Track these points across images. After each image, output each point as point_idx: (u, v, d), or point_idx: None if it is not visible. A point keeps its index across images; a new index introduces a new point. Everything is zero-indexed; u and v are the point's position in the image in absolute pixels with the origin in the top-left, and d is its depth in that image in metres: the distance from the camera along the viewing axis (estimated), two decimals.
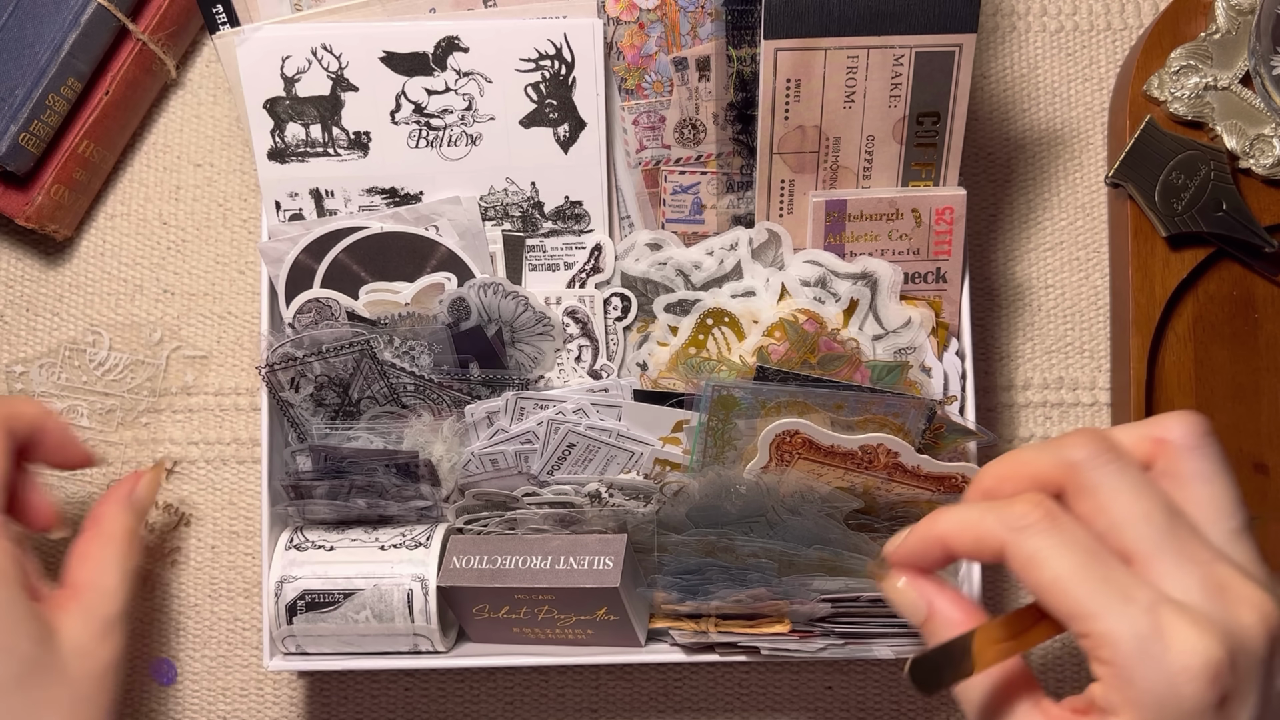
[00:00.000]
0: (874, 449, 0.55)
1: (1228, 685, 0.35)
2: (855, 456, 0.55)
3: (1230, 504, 0.39)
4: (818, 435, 0.55)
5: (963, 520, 0.40)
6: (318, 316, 0.60)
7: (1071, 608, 0.36)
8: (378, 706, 0.67)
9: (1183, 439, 0.39)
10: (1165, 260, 0.65)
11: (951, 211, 0.59)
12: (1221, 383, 0.66)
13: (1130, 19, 0.71)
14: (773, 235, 0.60)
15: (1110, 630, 0.35)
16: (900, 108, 0.57)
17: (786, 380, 0.56)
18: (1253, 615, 0.36)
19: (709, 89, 0.60)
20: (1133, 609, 0.35)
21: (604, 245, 0.61)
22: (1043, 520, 0.37)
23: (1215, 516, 0.38)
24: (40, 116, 0.63)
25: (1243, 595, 0.36)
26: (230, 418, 0.69)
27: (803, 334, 0.58)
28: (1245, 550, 0.38)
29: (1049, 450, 0.40)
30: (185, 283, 0.69)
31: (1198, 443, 0.39)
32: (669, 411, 0.57)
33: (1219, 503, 0.39)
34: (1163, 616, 0.35)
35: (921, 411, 0.55)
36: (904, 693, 0.67)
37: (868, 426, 0.55)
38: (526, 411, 0.58)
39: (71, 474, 0.68)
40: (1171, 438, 0.39)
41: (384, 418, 0.60)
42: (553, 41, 0.59)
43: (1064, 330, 0.69)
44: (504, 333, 0.60)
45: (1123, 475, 0.38)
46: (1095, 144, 0.70)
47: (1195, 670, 0.35)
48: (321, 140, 0.60)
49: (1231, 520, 0.38)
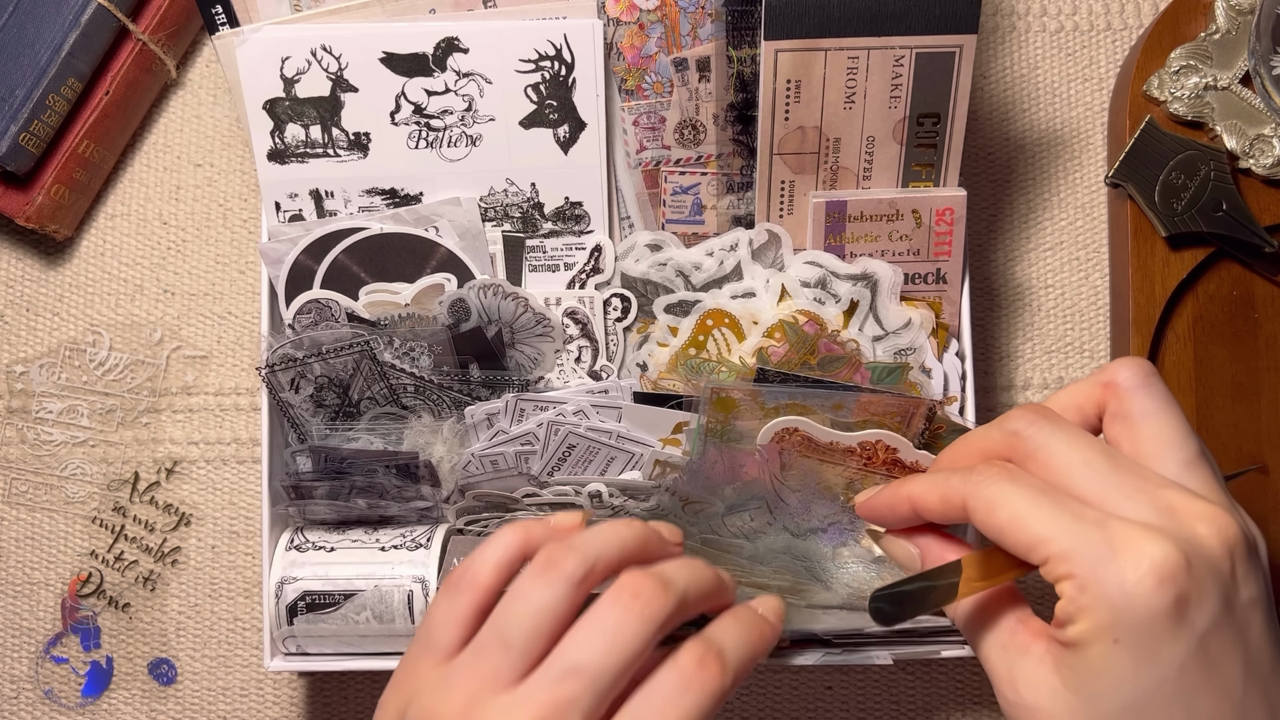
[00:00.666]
0: (872, 445, 0.55)
1: (1182, 587, 0.36)
2: (854, 453, 0.56)
3: (1179, 436, 0.40)
4: (816, 432, 0.55)
5: (930, 480, 0.43)
6: (318, 317, 0.60)
7: (1029, 537, 0.38)
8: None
9: (1127, 381, 0.41)
10: (1165, 260, 0.65)
11: (952, 212, 0.59)
12: (1221, 383, 0.66)
13: (1130, 19, 0.71)
14: (773, 236, 0.60)
15: (1065, 547, 0.37)
16: (900, 108, 0.57)
17: (786, 381, 0.56)
18: (1207, 528, 0.37)
19: (709, 90, 0.60)
20: (1085, 525, 0.37)
21: (604, 246, 0.61)
22: (1000, 471, 0.40)
23: (1166, 449, 0.39)
24: (40, 116, 0.63)
25: (1195, 511, 0.37)
26: (230, 418, 0.69)
27: (802, 335, 0.58)
28: (1200, 477, 0.39)
29: (994, 426, 0.42)
30: (185, 283, 0.69)
31: (1142, 382, 0.41)
32: (668, 413, 0.57)
33: (1167, 435, 0.40)
34: (1115, 529, 0.37)
35: (921, 412, 0.55)
36: (904, 693, 0.67)
37: (866, 426, 0.55)
38: (526, 413, 0.58)
39: (71, 474, 0.68)
40: (1118, 380, 0.41)
41: (384, 419, 0.60)
42: (552, 42, 0.59)
43: (1064, 330, 0.69)
44: (504, 334, 0.60)
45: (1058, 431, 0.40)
46: (1095, 144, 0.70)
47: (1146, 571, 0.36)
48: (321, 141, 0.60)
49: (1182, 451, 0.39)
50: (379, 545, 0.58)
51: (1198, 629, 0.36)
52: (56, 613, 0.68)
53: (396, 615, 0.57)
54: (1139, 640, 0.36)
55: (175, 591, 0.68)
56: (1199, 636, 0.36)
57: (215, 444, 0.68)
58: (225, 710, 0.67)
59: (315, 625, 0.57)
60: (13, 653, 0.67)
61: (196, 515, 0.68)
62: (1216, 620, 0.36)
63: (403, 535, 0.58)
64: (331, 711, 0.67)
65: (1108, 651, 0.37)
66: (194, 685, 0.67)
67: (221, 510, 0.68)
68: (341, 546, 0.58)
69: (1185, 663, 0.36)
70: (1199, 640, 0.36)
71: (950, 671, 0.67)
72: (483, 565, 0.43)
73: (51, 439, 0.68)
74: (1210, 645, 0.36)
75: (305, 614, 0.57)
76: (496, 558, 0.43)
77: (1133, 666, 0.37)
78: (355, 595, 0.57)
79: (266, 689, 0.67)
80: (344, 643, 0.58)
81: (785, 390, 0.55)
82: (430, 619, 0.43)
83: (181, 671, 0.67)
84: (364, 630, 0.57)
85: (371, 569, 0.57)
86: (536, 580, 0.41)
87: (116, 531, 0.68)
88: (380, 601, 0.57)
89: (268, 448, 0.60)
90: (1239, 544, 0.37)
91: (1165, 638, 0.36)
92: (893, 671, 0.67)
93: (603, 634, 0.40)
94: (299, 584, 0.57)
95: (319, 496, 0.58)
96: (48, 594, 0.68)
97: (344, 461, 0.58)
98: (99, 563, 0.68)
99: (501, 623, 0.41)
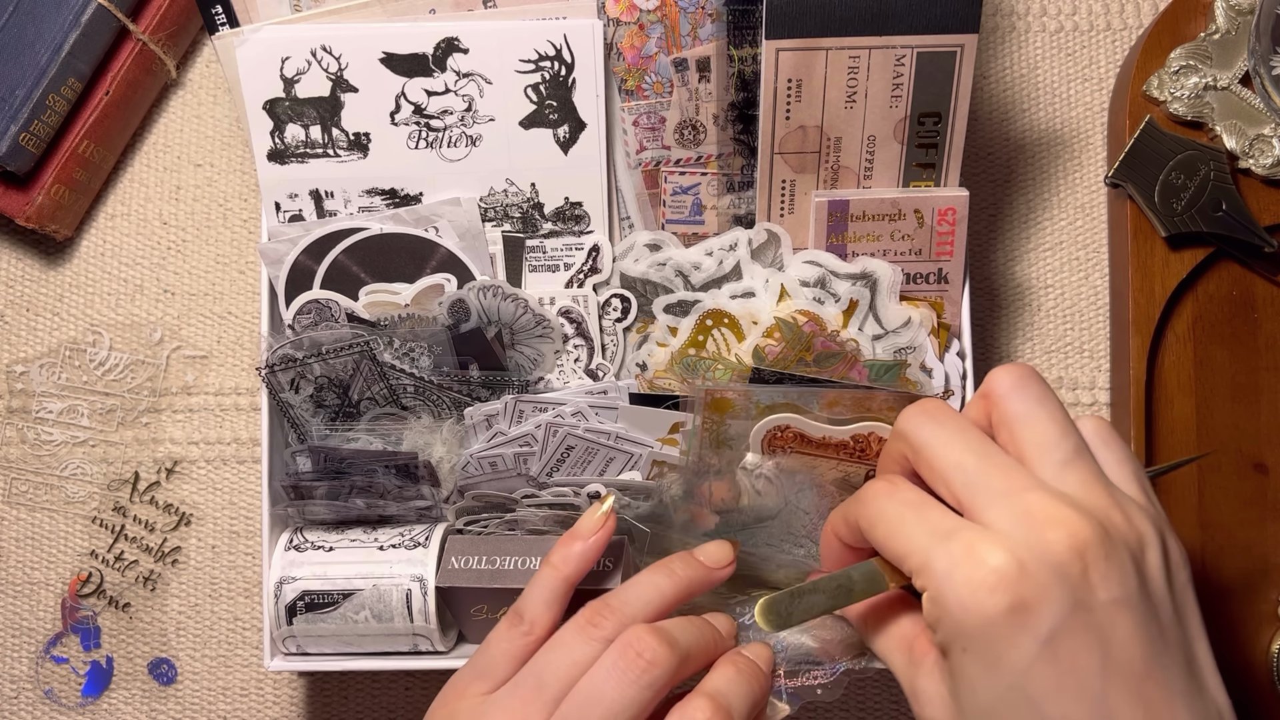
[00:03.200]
0: (865, 438, 0.55)
1: (1017, 593, 0.37)
2: (847, 447, 0.56)
3: (1053, 436, 0.40)
4: (808, 428, 0.55)
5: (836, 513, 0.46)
6: (317, 317, 0.60)
7: (898, 550, 0.40)
8: (378, 706, 0.67)
9: (1000, 387, 0.42)
10: (1165, 260, 0.65)
11: (954, 212, 0.59)
12: (1221, 383, 0.66)
13: (1130, 19, 0.71)
14: (772, 236, 0.60)
15: (923, 560, 0.39)
16: (902, 108, 0.57)
17: (781, 380, 0.56)
18: (1057, 532, 0.37)
19: (709, 90, 0.60)
20: (937, 539, 0.39)
21: (601, 246, 0.61)
22: (883, 488, 0.42)
23: (1042, 451, 0.40)
24: (40, 116, 0.63)
25: (1049, 517, 0.38)
26: (230, 418, 0.69)
27: (799, 333, 0.58)
28: (1077, 476, 0.40)
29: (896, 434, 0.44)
30: (185, 283, 0.69)
31: (1014, 386, 0.41)
32: (664, 414, 0.57)
33: (1041, 437, 0.40)
34: (961, 538, 0.38)
35: None
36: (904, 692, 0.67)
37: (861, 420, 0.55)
38: (525, 414, 0.58)
39: (71, 474, 0.68)
40: (992, 389, 0.42)
41: (384, 419, 0.60)
42: (552, 43, 0.59)
43: (1064, 330, 0.69)
44: (504, 335, 0.60)
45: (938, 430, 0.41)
46: (1095, 144, 0.70)
47: (980, 579, 0.37)
48: (321, 141, 0.60)
49: (1057, 451, 0.40)
50: (377, 545, 0.58)
51: (1040, 633, 0.37)
52: (56, 613, 0.68)
53: (395, 614, 0.57)
54: (981, 647, 0.37)
55: (175, 591, 0.68)
56: (1042, 640, 0.37)
57: (215, 444, 0.68)
58: (225, 710, 0.67)
59: (314, 625, 0.57)
60: (13, 653, 0.67)
61: (196, 515, 0.68)
62: (1063, 623, 0.37)
63: (401, 534, 0.58)
64: (331, 711, 0.67)
65: (961, 659, 0.38)
66: (194, 685, 0.67)
67: (221, 510, 0.68)
68: (340, 546, 0.58)
69: (1029, 667, 0.37)
70: (1043, 643, 0.37)
71: None
72: (536, 608, 0.48)
73: (51, 439, 0.68)
74: (1060, 648, 0.37)
75: (304, 614, 0.57)
76: (546, 600, 0.48)
77: (982, 672, 0.38)
78: (354, 595, 0.57)
79: (266, 689, 0.67)
80: (343, 642, 0.58)
81: (779, 390, 0.55)
82: (490, 649, 0.48)
83: (181, 671, 0.67)
84: (363, 630, 0.57)
85: (370, 568, 0.57)
86: (577, 636, 0.46)
87: (116, 531, 0.68)
88: (379, 601, 0.57)
89: (268, 448, 0.60)
90: (1093, 546, 0.37)
91: (1005, 643, 0.37)
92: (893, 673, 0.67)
93: (612, 687, 0.44)
94: (298, 584, 0.57)
95: (318, 496, 0.58)
96: (48, 594, 0.68)
97: (344, 461, 0.58)
98: (99, 563, 0.68)
99: (540, 668, 0.46)
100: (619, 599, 0.47)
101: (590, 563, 0.49)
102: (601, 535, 0.49)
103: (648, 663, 0.44)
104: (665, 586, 0.47)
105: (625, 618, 0.46)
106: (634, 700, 0.43)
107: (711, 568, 0.49)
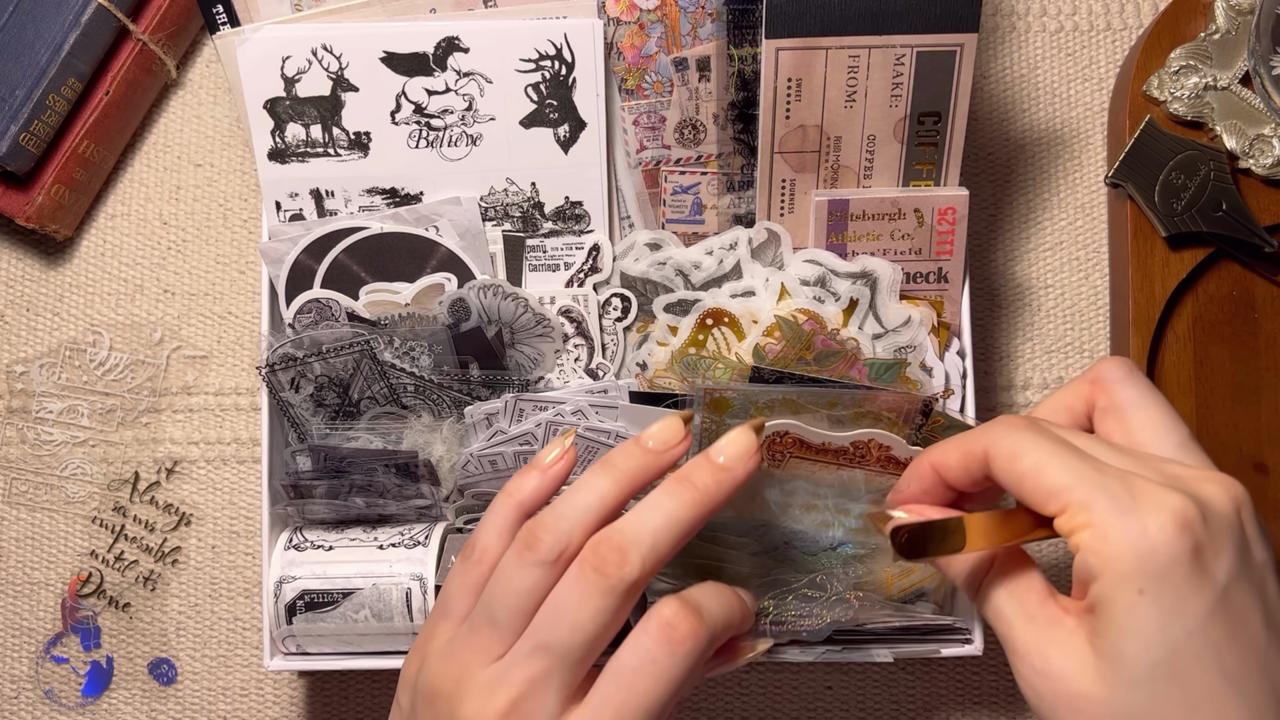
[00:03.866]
0: (865, 444, 0.55)
1: (1200, 536, 0.36)
2: (847, 453, 0.56)
3: (1169, 421, 0.41)
4: (808, 434, 0.55)
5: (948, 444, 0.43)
6: (318, 317, 0.60)
7: (1049, 484, 0.38)
8: (378, 706, 0.67)
9: (1112, 375, 0.42)
10: (1165, 260, 0.65)
11: (954, 211, 0.59)
12: (1221, 383, 0.66)
13: (1130, 19, 0.71)
14: (772, 235, 0.60)
15: (1085, 495, 0.37)
16: (901, 107, 0.57)
17: (781, 380, 0.56)
18: (1217, 488, 0.37)
19: (709, 89, 0.60)
20: (1106, 477, 0.38)
21: (601, 245, 0.61)
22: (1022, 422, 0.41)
23: (1159, 434, 0.41)
24: (40, 116, 0.63)
25: (1202, 476, 0.38)
26: (230, 418, 0.69)
27: (799, 331, 0.58)
28: (1196, 456, 0.40)
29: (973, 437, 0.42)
30: (185, 283, 0.69)
31: (1127, 375, 0.42)
32: (663, 412, 0.57)
33: (1157, 421, 0.41)
34: (1134, 482, 0.37)
35: (916, 407, 0.55)
36: (904, 692, 0.67)
37: (861, 421, 0.55)
38: (525, 413, 0.58)
39: (71, 474, 0.68)
40: (1104, 375, 0.42)
41: (384, 418, 0.60)
42: (553, 42, 0.59)
43: (1064, 330, 0.69)
44: (504, 334, 0.60)
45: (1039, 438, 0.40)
46: (1095, 144, 0.70)
47: (1166, 518, 0.36)
48: (322, 140, 0.60)
49: (1174, 434, 0.41)
50: (377, 544, 0.58)
51: (1219, 580, 0.36)
52: (56, 613, 0.68)
53: (395, 613, 0.57)
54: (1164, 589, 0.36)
55: (175, 591, 0.68)
56: (1221, 588, 0.36)
57: (215, 444, 0.68)
58: (225, 710, 0.67)
59: (314, 624, 0.57)
60: (13, 653, 0.67)
61: (196, 515, 0.68)
62: (1236, 573, 0.37)
63: (401, 533, 0.58)
64: (331, 711, 0.67)
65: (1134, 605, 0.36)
66: (194, 685, 0.67)
67: (221, 510, 0.68)
68: (340, 545, 0.58)
69: (1211, 613, 0.36)
70: (1221, 591, 0.36)
71: (950, 671, 0.67)
72: (488, 536, 0.46)
73: (52, 439, 0.68)
74: (1232, 598, 0.36)
75: (304, 613, 0.57)
76: (498, 527, 0.46)
77: (1160, 619, 0.36)
78: (353, 594, 0.57)
79: (266, 689, 0.67)
80: (343, 641, 0.58)
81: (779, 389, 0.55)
82: (447, 588, 0.46)
83: (181, 671, 0.67)
84: (363, 629, 0.57)
85: (369, 567, 0.57)
86: (515, 562, 0.43)
87: (116, 531, 0.68)
88: (378, 600, 0.57)
89: (268, 447, 0.60)
90: (1247, 506, 0.38)
91: (1190, 587, 0.36)
92: (893, 671, 0.67)
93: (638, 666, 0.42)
94: (297, 583, 0.57)
95: (318, 496, 0.58)
96: (48, 594, 0.68)
97: (344, 461, 0.58)
98: (99, 563, 0.68)
99: (488, 601, 0.43)
100: (553, 513, 0.43)
101: (548, 493, 0.46)
102: (561, 466, 0.46)
103: (679, 639, 0.42)
104: (606, 488, 0.43)
105: (562, 534, 0.42)
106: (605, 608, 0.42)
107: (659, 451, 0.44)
